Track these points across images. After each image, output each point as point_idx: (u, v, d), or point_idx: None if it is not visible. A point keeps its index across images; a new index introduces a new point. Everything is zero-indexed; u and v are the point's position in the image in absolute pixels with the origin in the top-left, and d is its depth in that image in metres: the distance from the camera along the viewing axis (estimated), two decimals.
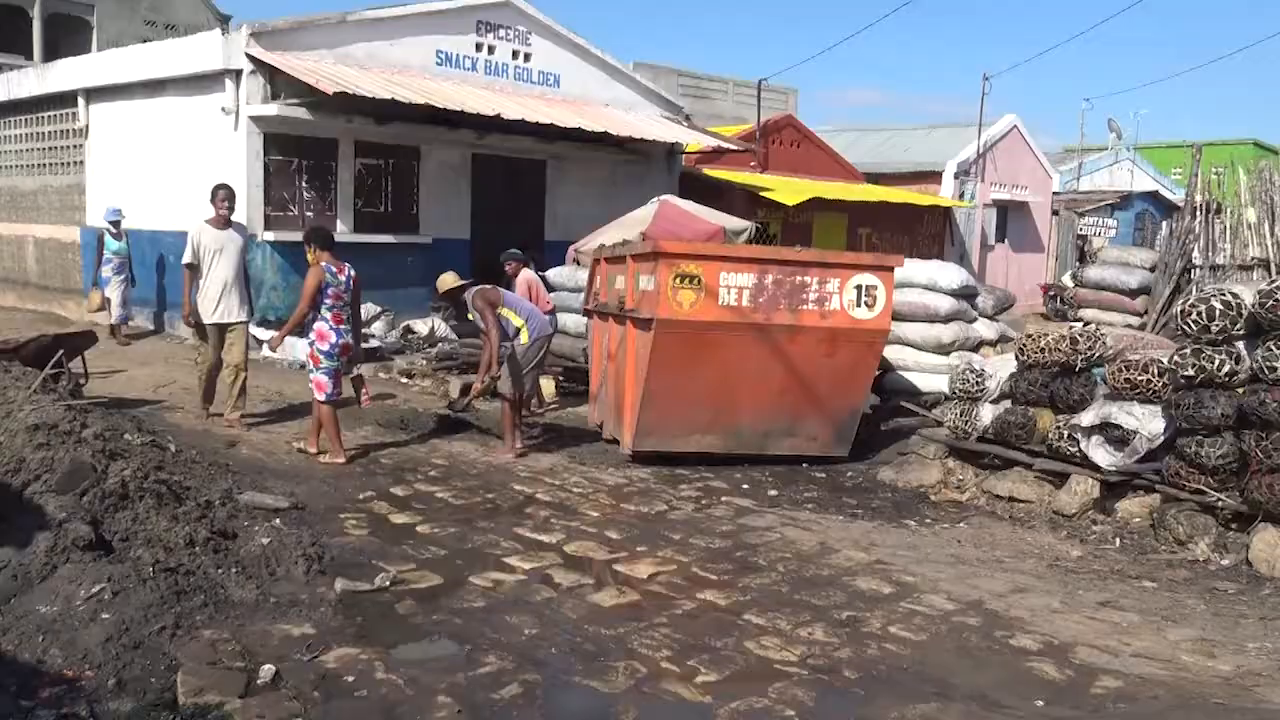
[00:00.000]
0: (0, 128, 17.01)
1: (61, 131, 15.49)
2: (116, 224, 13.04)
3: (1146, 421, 6.61)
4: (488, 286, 8.28)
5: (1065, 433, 7.07)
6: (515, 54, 14.87)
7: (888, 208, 20.41)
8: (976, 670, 4.42)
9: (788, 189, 18.21)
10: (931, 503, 7.47)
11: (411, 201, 14.09)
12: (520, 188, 15.08)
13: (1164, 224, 18.77)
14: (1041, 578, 5.77)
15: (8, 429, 5.47)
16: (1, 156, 17.12)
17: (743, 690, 4.08)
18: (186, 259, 8.29)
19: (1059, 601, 5.34)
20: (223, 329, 8.38)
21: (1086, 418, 6.90)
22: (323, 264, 7.42)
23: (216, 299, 8.31)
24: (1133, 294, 12.11)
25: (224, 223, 8.40)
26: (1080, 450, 6.96)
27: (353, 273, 7.58)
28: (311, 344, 7.50)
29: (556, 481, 7.44)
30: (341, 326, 7.50)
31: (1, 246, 17.20)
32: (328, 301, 7.42)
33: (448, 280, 8.41)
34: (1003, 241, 26.00)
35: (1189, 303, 6.43)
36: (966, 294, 9.49)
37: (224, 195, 8.42)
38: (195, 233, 8.37)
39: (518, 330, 8.16)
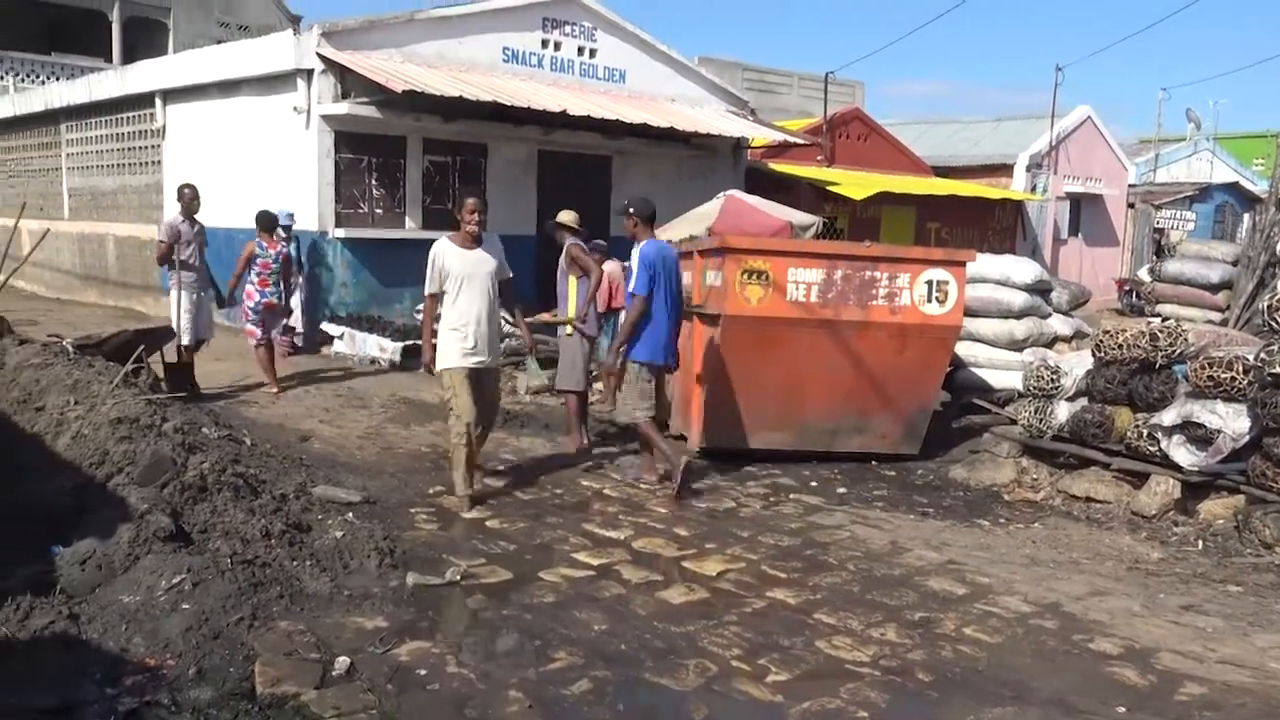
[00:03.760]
0: (82, 129, 17.49)
1: (140, 132, 15.87)
2: (287, 228, 11.85)
3: (1231, 420, 6.41)
4: (584, 246, 8.31)
5: (1145, 431, 6.89)
6: (581, 50, 14.89)
7: (957, 201, 20.11)
8: (1055, 674, 4.32)
9: (855, 183, 18.01)
10: (1005, 502, 7.33)
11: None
12: (586, 184, 15.09)
13: (1246, 216, 18.25)
14: (1121, 580, 5.63)
15: (92, 422, 5.62)
16: (84, 157, 17.60)
17: (814, 690, 4.05)
18: (430, 288, 6.52)
19: (1139, 605, 5.21)
20: (479, 376, 6.54)
21: (1167, 416, 6.72)
22: (257, 240, 9.62)
23: (469, 339, 6.45)
24: (1214, 289, 11.75)
25: (473, 240, 6.56)
26: (1160, 449, 6.78)
27: (284, 250, 9.89)
28: (242, 302, 9.68)
29: (623, 477, 7.43)
30: (266, 289, 9.57)
31: (84, 244, 17.69)
32: (256, 269, 9.54)
33: (565, 217, 8.56)
34: (1076, 235, 25.48)
35: (1275, 297, 6.23)
36: (1041, 289, 9.29)
37: (472, 206, 6.51)
38: (438, 254, 6.50)
39: (567, 321, 8.18)
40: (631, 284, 6.93)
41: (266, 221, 9.88)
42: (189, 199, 9.49)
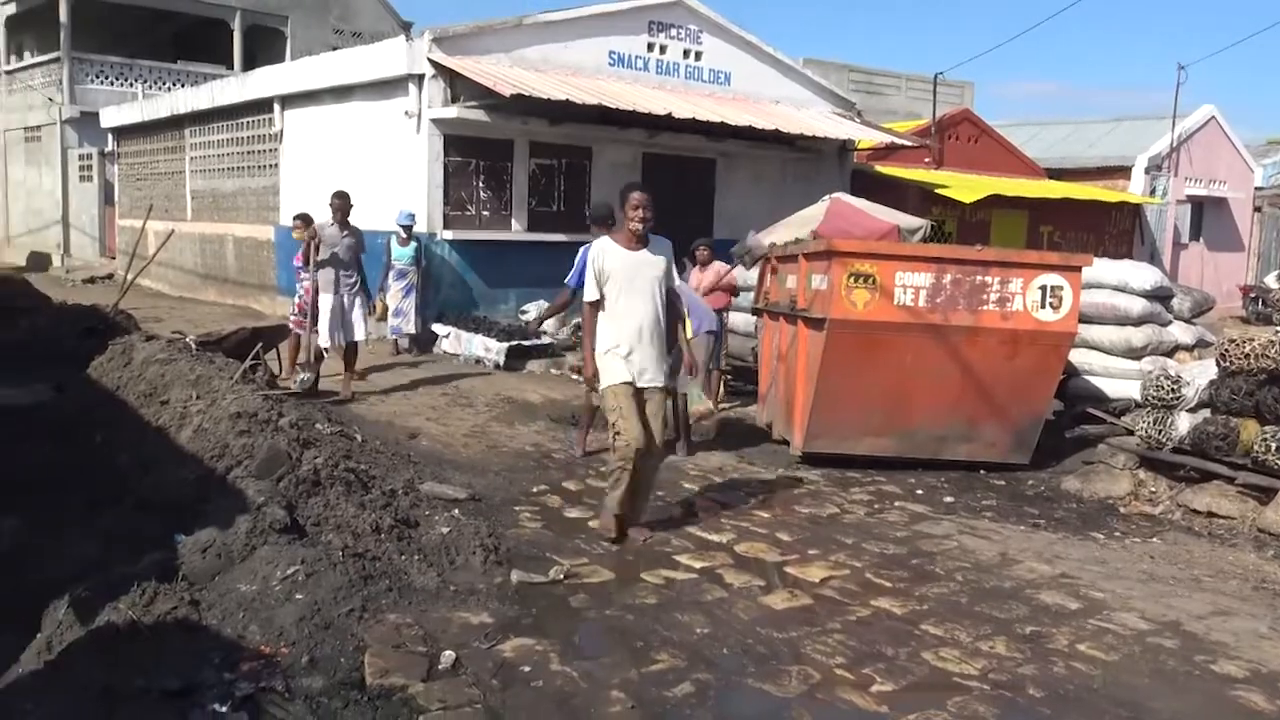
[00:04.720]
0: (205, 133, 18.19)
1: (259, 136, 16.44)
2: (407, 229, 11.99)
3: None
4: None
5: (1274, 445, 6.58)
6: (686, 53, 14.90)
7: (1071, 205, 19.52)
8: (1174, 695, 4.15)
9: (964, 186, 17.64)
10: (1120, 515, 7.08)
11: (583, 201, 14.29)
12: (689, 186, 15.10)
13: None
14: (1246, 600, 5.39)
15: (213, 416, 5.84)
16: (206, 160, 18.31)
17: (920, 702, 3.96)
18: (588, 294, 5.81)
19: (1267, 627, 4.97)
20: (640, 395, 5.72)
21: None
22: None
23: (628, 351, 5.68)
24: None
25: (638, 240, 5.69)
26: None
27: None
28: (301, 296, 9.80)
29: (725, 480, 7.41)
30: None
31: (205, 245, 18.39)
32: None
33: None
34: (1197, 240, 24.52)
35: None
36: (1160, 295, 8.94)
37: (637, 200, 5.59)
38: (595, 254, 5.74)
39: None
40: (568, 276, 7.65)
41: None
42: (335, 207, 9.35)
